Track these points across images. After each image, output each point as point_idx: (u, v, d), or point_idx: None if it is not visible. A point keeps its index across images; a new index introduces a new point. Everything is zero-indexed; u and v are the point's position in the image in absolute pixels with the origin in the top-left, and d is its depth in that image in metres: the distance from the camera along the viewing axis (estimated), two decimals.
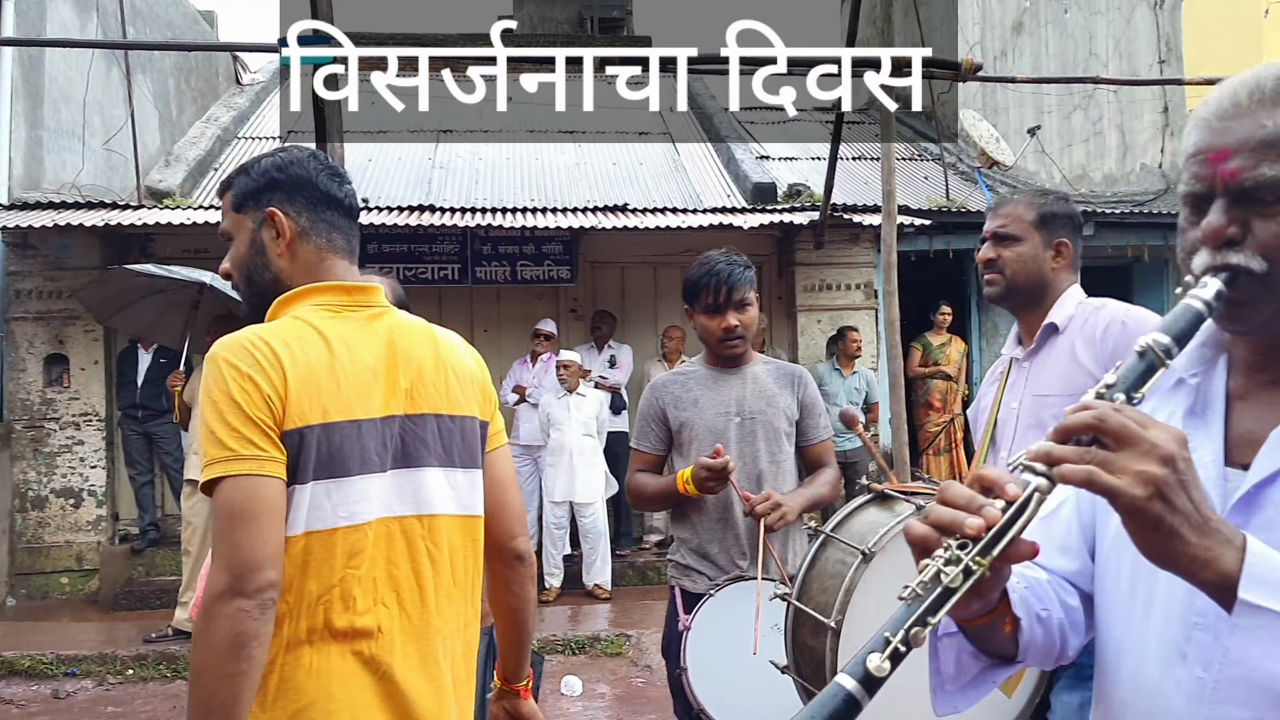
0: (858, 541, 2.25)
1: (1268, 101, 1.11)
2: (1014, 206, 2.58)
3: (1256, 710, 0.97)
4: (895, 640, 0.97)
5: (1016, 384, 2.56)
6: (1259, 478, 1.09)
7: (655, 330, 9.28)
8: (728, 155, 11.89)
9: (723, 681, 2.77)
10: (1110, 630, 1.22)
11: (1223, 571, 0.96)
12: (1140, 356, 1.05)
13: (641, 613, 7.20)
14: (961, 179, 10.91)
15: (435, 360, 1.80)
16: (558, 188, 11.06)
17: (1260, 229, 1.11)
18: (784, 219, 8.37)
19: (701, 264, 2.97)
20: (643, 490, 3.06)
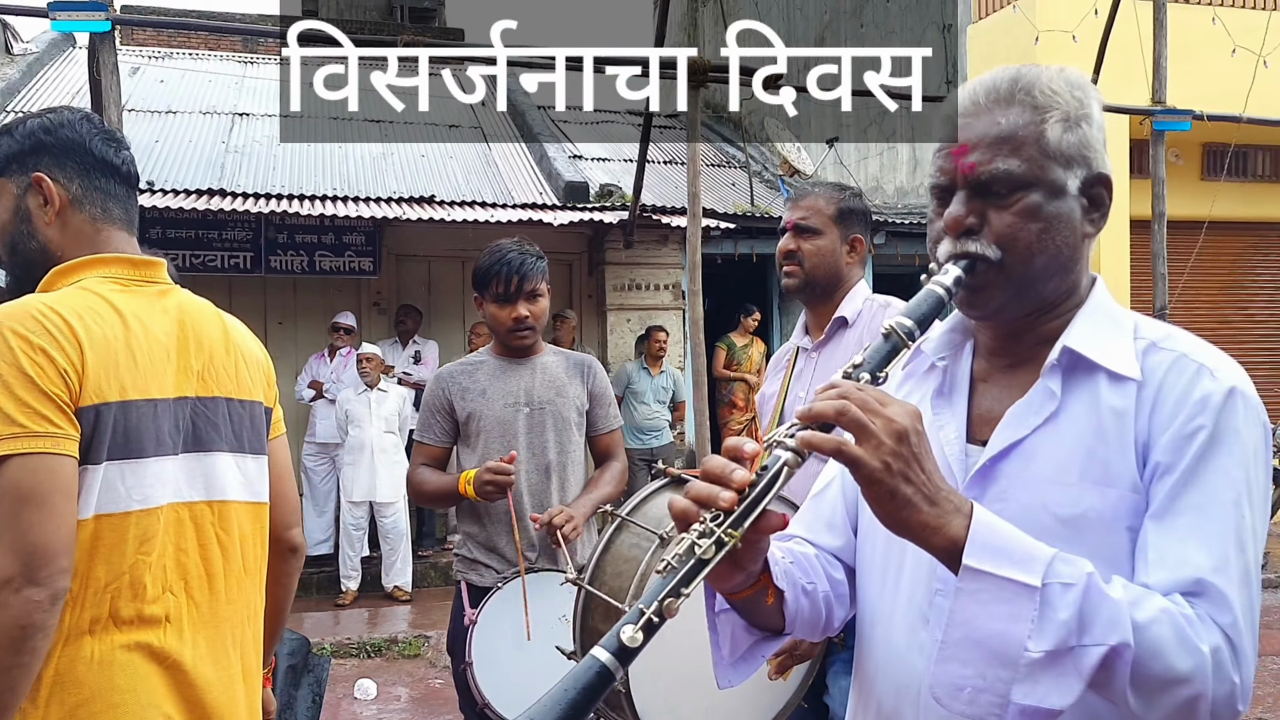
0: (654, 525, 2.21)
1: (1002, 101, 1.19)
2: (814, 199, 2.60)
3: (977, 667, 1.02)
4: (649, 611, 0.99)
5: (804, 374, 2.59)
6: (994, 452, 1.19)
7: (462, 326, 9.10)
8: (540, 153, 11.83)
9: (509, 675, 2.72)
10: (867, 600, 1.31)
11: (951, 537, 1.03)
12: (885, 338, 1.11)
13: (442, 613, 7.02)
14: (765, 186, 11.25)
15: (226, 343, 1.74)
16: (361, 177, 10.69)
17: (995, 219, 1.18)
18: (595, 218, 8.38)
19: (493, 252, 2.91)
20: (423, 486, 2.96)
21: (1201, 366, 1.14)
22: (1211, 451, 1.09)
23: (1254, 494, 1.10)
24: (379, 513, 7.38)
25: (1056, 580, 1.00)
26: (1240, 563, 1.06)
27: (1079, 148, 1.20)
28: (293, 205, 7.89)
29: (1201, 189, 9.86)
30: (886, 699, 1.25)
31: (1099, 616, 1.00)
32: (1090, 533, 1.11)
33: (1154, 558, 1.08)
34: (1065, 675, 1.00)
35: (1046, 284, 1.21)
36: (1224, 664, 1.02)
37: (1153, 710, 1.02)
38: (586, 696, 0.97)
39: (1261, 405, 1.15)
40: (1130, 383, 1.15)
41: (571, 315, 8.58)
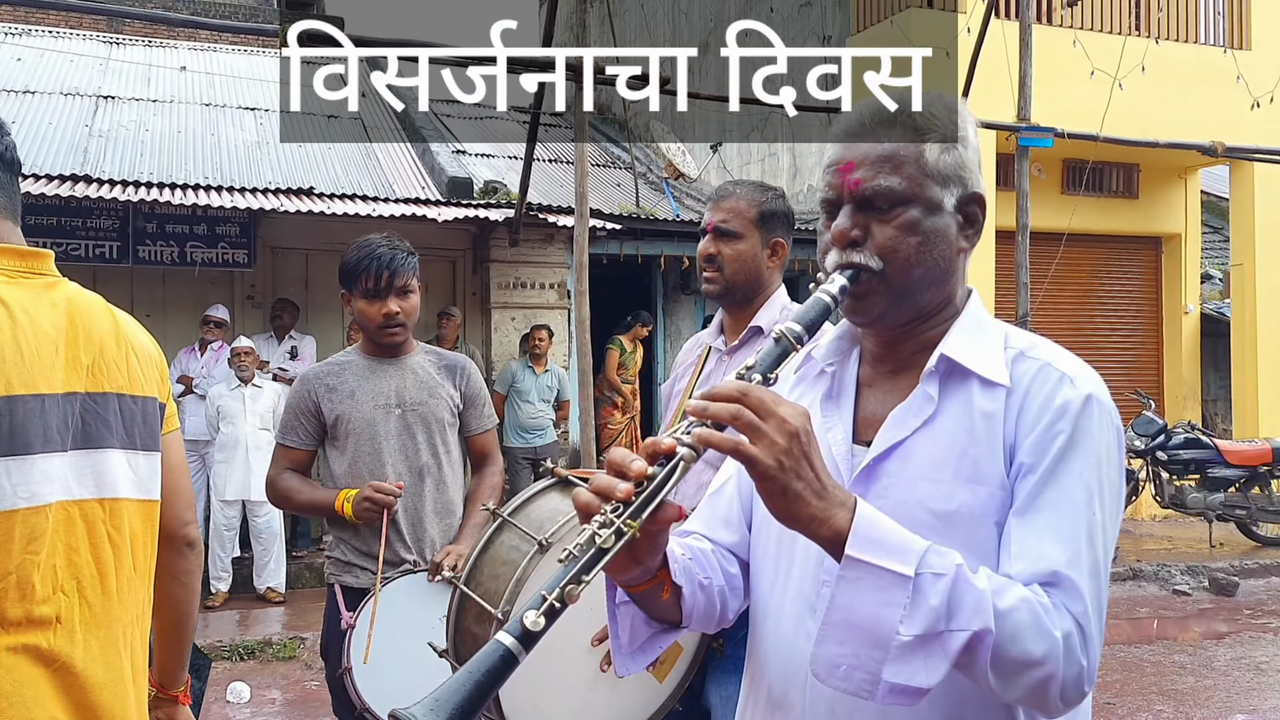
0: (535, 529, 2.18)
1: (885, 123, 1.28)
2: (735, 201, 2.47)
3: (853, 647, 1.09)
4: (551, 598, 1.03)
5: (713, 375, 2.53)
6: (877, 453, 1.27)
7: (341, 322, 8.91)
8: (422, 147, 11.66)
9: (388, 677, 2.68)
10: (759, 592, 1.38)
11: (836, 529, 1.10)
12: (776, 342, 1.19)
13: (317, 615, 6.80)
14: (650, 188, 11.34)
15: (117, 336, 1.68)
16: (236, 166, 10.37)
17: (878, 232, 1.27)
18: (479, 214, 8.31)
19: (361, 247, 2.81)
20: (290, 497, 2.87)
21: (1063, 375, 1.23)
22: (1069, 454, 1.19)
23: (1105, 494, 1.20)
24: (252, 512, 7.17)
25: (929, 570, 1.08)
26: (1091, 556, 1.16)
27: (955, 168, 1.29)
28: (163, 194, 7.60)
29: (1062, 202, 10.38)
30: (776, 685, 1.32)
31: (965, 604, 1.08)
32: (961, 527, 1.20)
33: (1015, 550, 1.17)
34: (933, 657, 1.07)
35: (924, 294, 1.30)
36: (1074, 648, 1.11)
37: (1010, 689, 1.11)
38: (490, 679, 1.00)
39: (1115, 411, 1.25)
40: (1000, 388, 1.24)
41: (456, 313, 8.50)
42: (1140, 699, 5.34)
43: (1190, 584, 8.05)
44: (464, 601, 2.29)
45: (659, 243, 9.46)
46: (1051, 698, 1.12)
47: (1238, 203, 11.37)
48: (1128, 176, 11.51)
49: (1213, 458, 9.04)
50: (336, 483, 2.86)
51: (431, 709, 0.97)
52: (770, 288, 2.51)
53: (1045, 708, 1.14)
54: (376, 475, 2.81)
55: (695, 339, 2.75)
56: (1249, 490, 9.12)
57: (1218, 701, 5.33)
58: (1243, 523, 9.16)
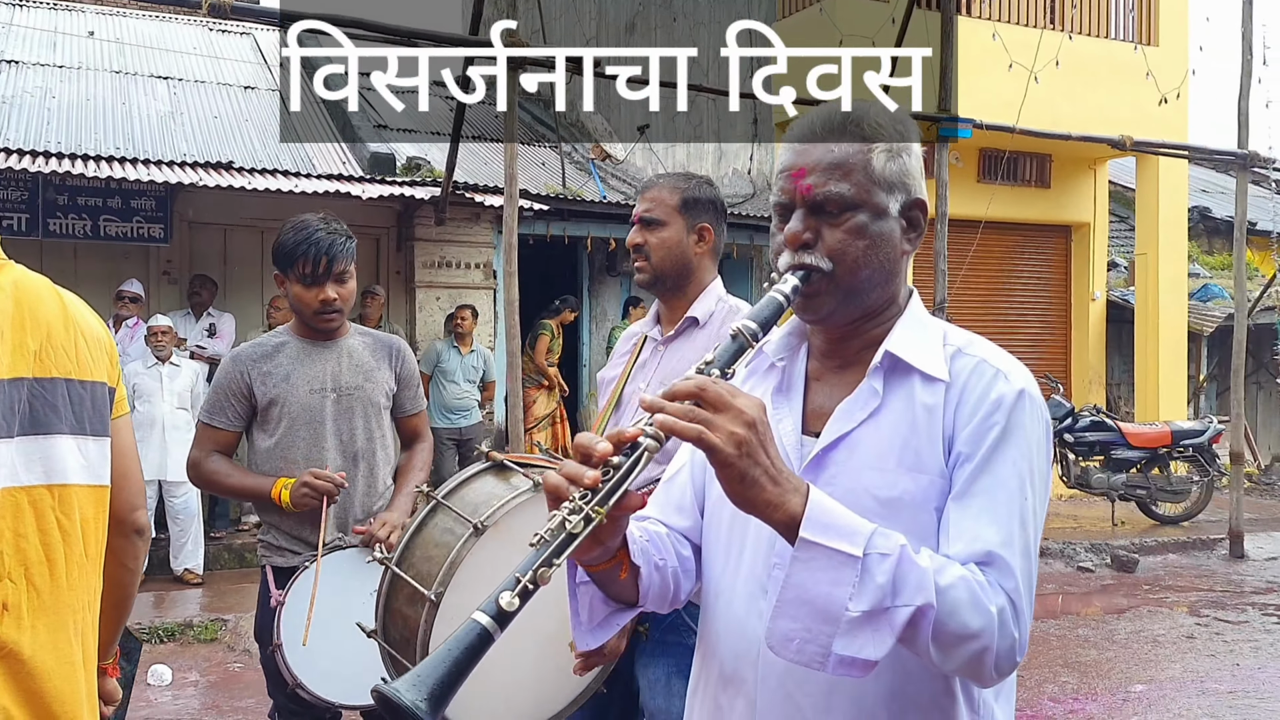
0: (470, 513, 2.18)
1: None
2: (658, 190, 2.51)
3: (805, 622, 1.16)
4: (525, 580, 1.10)
5: (648, 365, 2.55)
6: (825, 443, 1.35)
7: (260, 299, 8.75)
8: (343, 121, 11.44)
9: (319, 653, 2.69)
10: (711, 574, 1.45)
11: (790, 514, 1.16)
12: (733, 339, 1.26)
13: (238, 596, 6.78)
14: (576, 168, 11.32)
15: (65, 320, 1.65)
16: (149, 137, 10.07)
17: (828, 235, 1.34)
18: (405, 192, 8.21)
19: (298, 229, 2.75)
20: (218, 481, 2.83)
21: (998, 371, 1.33)
22: (1003, 444, 1.28)
23: (1036, 480, 1.29)
24: (169, 493, 7.03)
25: (875, 551, 1.15)
26: (1023, 538, 1.25)
27: (900, 175, 1.37)
28: (75, 165, 7.35)
29: (978, 191, 10.65)
30: (728, 661, 1.39)
31: (909, 581, 1.15)
32: (904, 512, 1.28)
33: (954, 533, 1.26)
34: (880, 631, 1.15)
35: (870, 293, 1.38)
36: (1007, 622, 1.20)
37: (949, 660, 1.19)
38: (468, 655, 1.06)
39: (1045, 405, 1.35)
40: (940, 383, 1.33)
41: (380, 291, 8.41)
42: (1047, 670, 5.58)
43: (1093, 561, 8.39)
44: (395, 582, 2.27)
45: (586, 224, 9.46)
46: (987, 668, 1.20)
47: (1143, 194, 11.79)
48: (1040, 166, 11.84)
49: (1116, 440, 9.41)
50: (259, 465, 2.83)
51: (414, 684, 1.02)
52: (702, 274, 2.53)
53: (980, 677, 1.23)
54: (313, 461, 2.79)
55: (630, 330, 2.77)
56: (1149, 471, 9.52)
57: (1119, 672, 5.59)
58: (1143, 502, 9.56)
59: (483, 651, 1.07)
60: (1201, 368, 12.88)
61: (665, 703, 2.32)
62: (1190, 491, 9.61)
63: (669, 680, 2.32)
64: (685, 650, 2.29)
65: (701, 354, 2.40)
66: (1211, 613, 6.92)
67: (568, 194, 9.63)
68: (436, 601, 2.06)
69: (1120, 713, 4.92)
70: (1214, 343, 12.90)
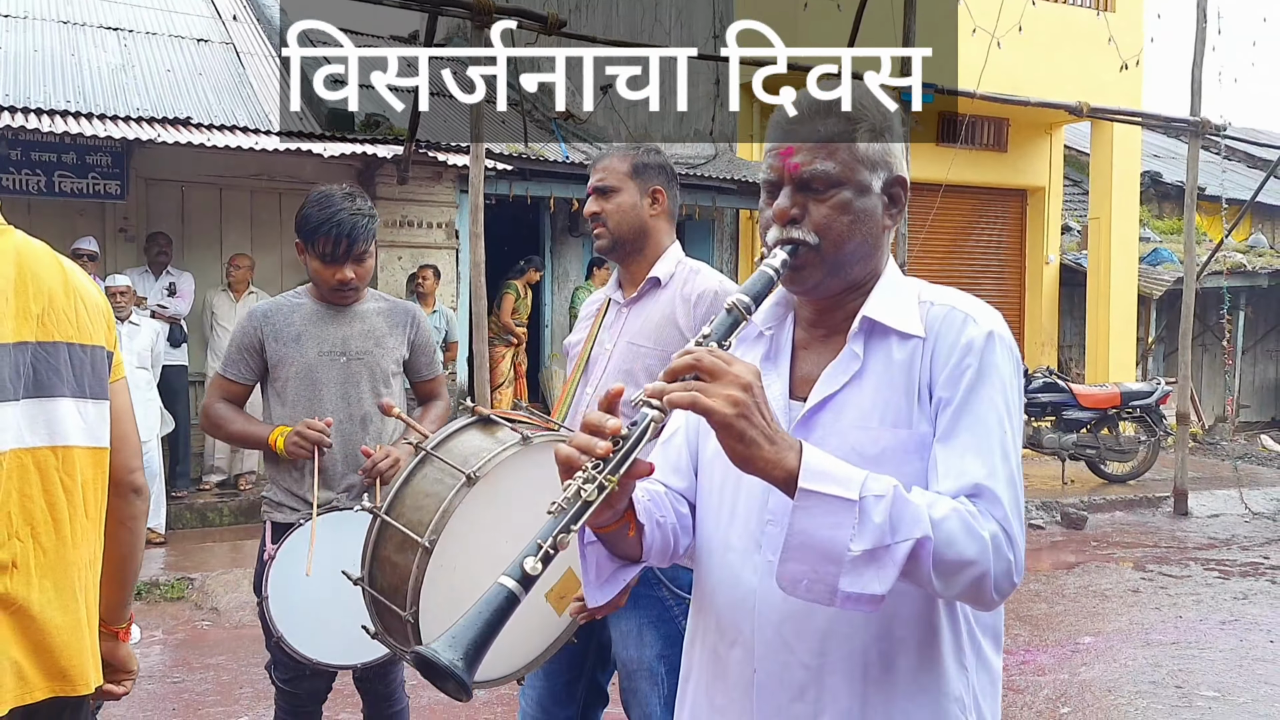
0: (460, 463, 2.21)
1: (821, 113, 1.44)
2: (609, 160, 2.63)
3: (811, 564, 1.25)
4: (545, 545, 1.18)
5: (613, 326, 2.64)
6: (810, 405, 1.44)
7: (220, 257, 8.66)
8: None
9: (304, 610, 2.75)
10: (705, 529, 1.53)
11: (788, 469, 1.24)
12: (729, 312, 1.35)
13: (203, 555, 6.79)
14: (538, 128, 11.25)
15: (65, 286, 1.69)
16: (101, 90, 9.84)
17: (815, 211, 1.42)
18: (367, 151, 8.13)
19: (323, 206, 2.81)
20: (226, 424, 2.93)
21: (967, 316, 1.42)
22: (978, 384, 1.37)
23: (1012, 414, 1.39)
24: None
25: (870, 494, 1.24)
26: (1006, 468, 1.34)
27: (882, 154, 1.45)
28: (29, 120, 7.20)
29: (937, 154, 10.76)
30: (725, 613, 1.47)
31: (905, 518, 1.24)
32: (888, 466, 1.35)
33: (942, 471, 1.35)
34: (883, 566, 1.23)
35: (854, 266, 1.46)
36: (1001, 546, 1.29)
37: (950, 588, 1.28)
38: (497, 616, 1.14)
39: (1014, 343, 1.44)
40: (916, 339, 1.42)
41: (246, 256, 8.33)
42: None
43: (1044, 518, 8.63)
44: (385, 530, 2.30)
45: (548, 184, 9.44)
46: (986, 592, 1.29)
47: (1097, 159, 11.99)
48: (998, 131, 11.98)
49: (1067, 401, 9.64)
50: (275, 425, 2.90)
51: (450, 644, 1.10)
52: (660, 237, 2.64)
53: (982, 601, 1.32)
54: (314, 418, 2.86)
55: (594, 296, 2.86)
56: (1099, 431, 9.78)
57: (1067, 625, 5.79)
58: (1092, 461, 9.83)
59: (509, 613, 1.14)
60: (1150, 330, 13.18)
61: (637, 653, 2.40)
62: (1138, 451, 9.89)
63: (640, 632, 2.40)
64: (655, 602, 2.39)
65: (665, 312, 2.51)
66: (1156, 568, 7.17)
67: (530, 154, 9.58)
68: (430, 548, 2.09)
69: (1069, 664, 5.11)
70: (1162, 306, 13.20)
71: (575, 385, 2.67)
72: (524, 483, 2.15)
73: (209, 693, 4.60)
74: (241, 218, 8.98)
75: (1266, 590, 6.58)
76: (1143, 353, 12.95)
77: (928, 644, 1.40)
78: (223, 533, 7.54)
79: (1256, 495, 9.52)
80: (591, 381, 2.60)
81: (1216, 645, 5.43)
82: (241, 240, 8.83)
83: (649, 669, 2.37)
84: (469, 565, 2.13)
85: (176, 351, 7.77)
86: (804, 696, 1.40)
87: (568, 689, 2.54)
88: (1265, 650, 5.33)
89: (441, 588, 2.11)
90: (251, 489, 8.16)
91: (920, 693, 1.40)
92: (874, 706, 1.39)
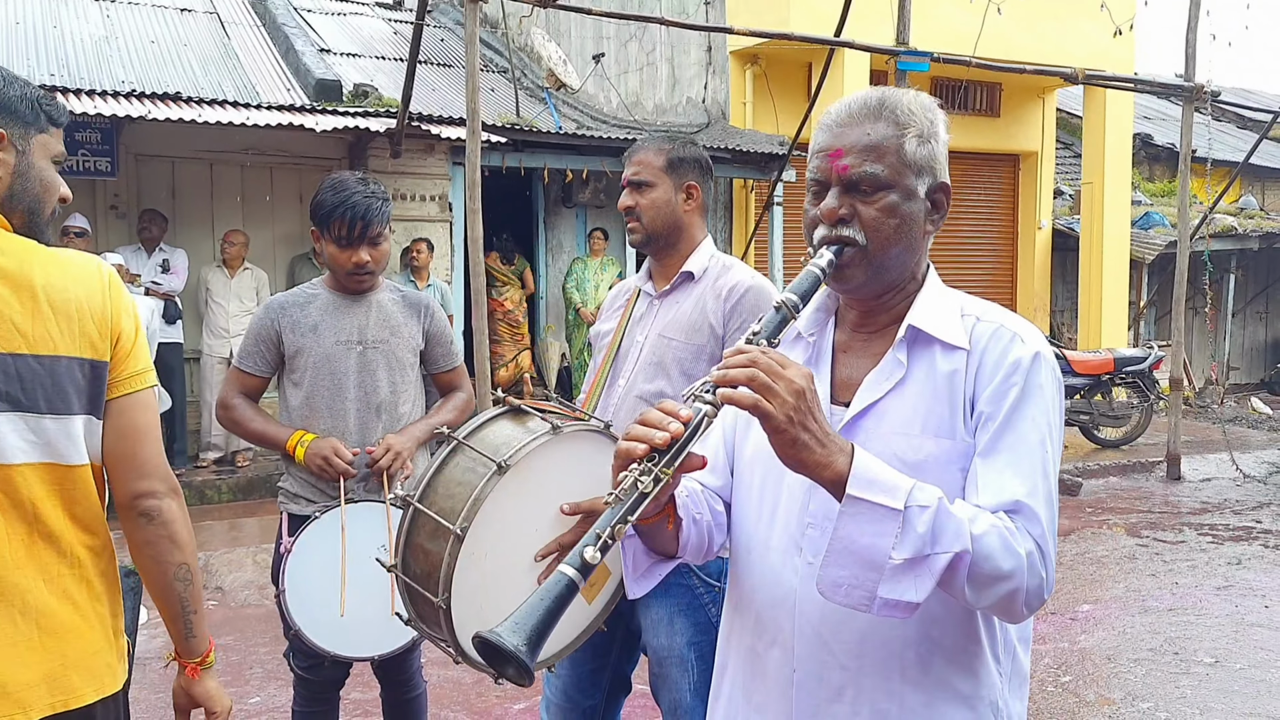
0: (491, 452, 2.21)
1: (871, 116, 1.47)
2: (645, 153, 2.61)
3: (853, 570, 1.27)
4: (604, 535, 1.22)
5: (644, 319, 2.63)
6: (855, 412, 1.46)
7: (212, 233, 8.61)
8: (285, 45, 11.13)
9: (321, 603, 2.78)
10: (743, 530, 1.56)
11: (838, 472, 1.27)
12: (777, 311, 1.39)
13: (204, 535, 6.80)
14: (528, 95, 11.15)
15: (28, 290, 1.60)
16: (85, 63, 9.72)
17: (863, 212, 1.45)
18: (359, 124, 8.06)
19: (337, 190, 2.82)
20: (245, 422, 2.94)
21: (1015, 335, 1.44)
22: (1022, 403, 1.39)
23: (1054, 434, 1.42)
24: None
25: (915, 504, 1.26)
26: (1045, 487, 1.37)
27: (928, 160, 1.48)
28: None
29: None
30: (765, 611, 1.50)
31: (947, 530, 1.27)
32: (929, 475, 1.37)
33: (982, 485, 1.37)
34: (921, 576, 1.26)
35: (897, 269, 1.50)
36: (1035, 564, 1.32)
37: (982, 599, 1.31)
38: (557, 604, 1.17)
39: (1057, 364, 1.47)
40: (960, 351, 1.44)
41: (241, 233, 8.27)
42: None
43: None
44: (418, 518, 2.33)
45: (542, 155, 9.38)
46: (1018, 605, 1.32)
47: (1090, 124, 11.96)
48: (991, 95, 11.95)
49: (1061, 367, 9.65)
50: (292, 416, 2.92)
51: (513, 630, 1.14)
52: (693, 232, 2.64)
53: (1012, 615, 1.35)
54: (335, 411, 2.88)
55: (621, 285, 2.85)
56: (1092, 397, 9.84)
57: (1065, 594, 5.86)
58: (1085, 427, 9.89)
59: (569, 599, 1.18)
60: (1142, 294, 13.23)
61: (667, 640, 2.42)
62: (1131, 416, 9.95)
63: (671, 619, 2.43)
64: (685, 591, 2.41)
65: (697, 306, 2.51)
66: (1151, 534, 7.25)
67: (523, 124, 9.51)
68: (461, 535, 2.11)
69: (1069, 632, 5.18)
70: (1154, 270, 13.25)
71: (605, 376, 2.67)
72: (554, 472, 2.17)
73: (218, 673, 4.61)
74: (233, 193, 8.91)
75: (1260, 555, 6.66)
76: (1134, 317, 13.01)
77: (965, 648, 1.43)
78: (222, 510, 7.55)
79: (1247, 458, 9.61)
80: (623, 373, 2.61)
81: (1213, 611, 5.50)
82: (233, 216, 8.77)
83: (679, 656, 2.39)
84: (500, 552, 2.16)
85: (172, 329, 7.74)
86: (842, 697, 1.43)
87: (593, 677, 2.57)
88: (1261, 615, 5.41)
89: (472, 574, 2.14)
90: (250, 465, 8.16)
91: (956, 696, 1.43)
92: (911, 708, 1.42)
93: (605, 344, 2.71)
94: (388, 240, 2.93)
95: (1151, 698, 4.34)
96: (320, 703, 3.02)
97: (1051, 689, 4.44)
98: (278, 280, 8.77)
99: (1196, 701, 4.29)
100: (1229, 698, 4.32)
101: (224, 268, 8.09)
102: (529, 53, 11.70)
